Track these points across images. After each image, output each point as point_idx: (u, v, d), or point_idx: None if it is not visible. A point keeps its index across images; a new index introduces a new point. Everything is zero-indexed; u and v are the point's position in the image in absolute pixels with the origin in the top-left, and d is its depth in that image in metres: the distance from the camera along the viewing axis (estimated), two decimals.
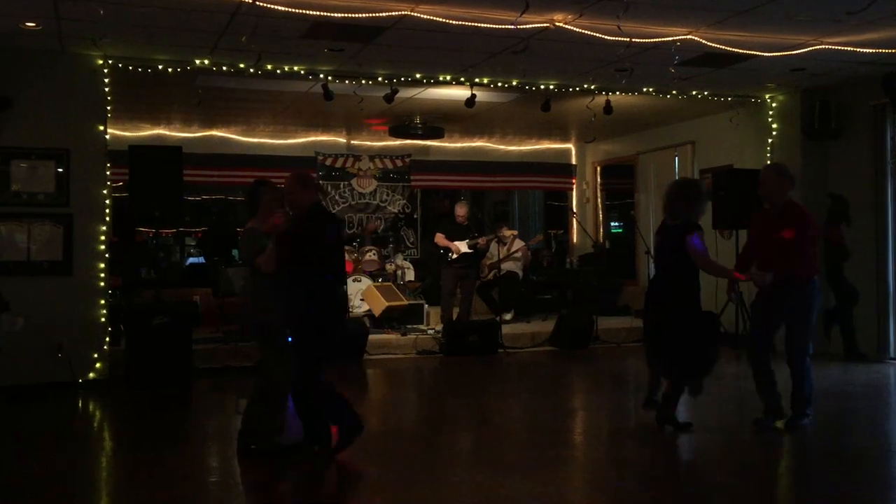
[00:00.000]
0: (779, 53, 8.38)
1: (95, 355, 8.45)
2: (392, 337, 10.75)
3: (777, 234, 6.23)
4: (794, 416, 6.26)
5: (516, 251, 12.37)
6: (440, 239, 11.35)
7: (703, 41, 7.93)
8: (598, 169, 14.91)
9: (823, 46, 8.17)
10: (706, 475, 5.56)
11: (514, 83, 9.72)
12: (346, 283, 6.00)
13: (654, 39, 7.84)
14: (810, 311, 6.24)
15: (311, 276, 5.42)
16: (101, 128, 8.53)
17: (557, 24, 7.37)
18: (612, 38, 7.62)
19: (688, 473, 5.64)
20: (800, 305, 6.20)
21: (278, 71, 8.95)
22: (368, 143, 13.88)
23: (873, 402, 7.76)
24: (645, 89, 10.15)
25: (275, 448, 5.52)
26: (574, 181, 15.23)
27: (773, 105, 10.78)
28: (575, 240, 15.14)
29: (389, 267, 12.54)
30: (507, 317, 12.02)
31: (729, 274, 6.67)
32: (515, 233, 12.88)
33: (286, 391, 5.58)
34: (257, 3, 6.77)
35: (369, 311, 11.36)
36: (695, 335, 6.23)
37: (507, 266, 12.19)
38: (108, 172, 8.65)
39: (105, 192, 8.57)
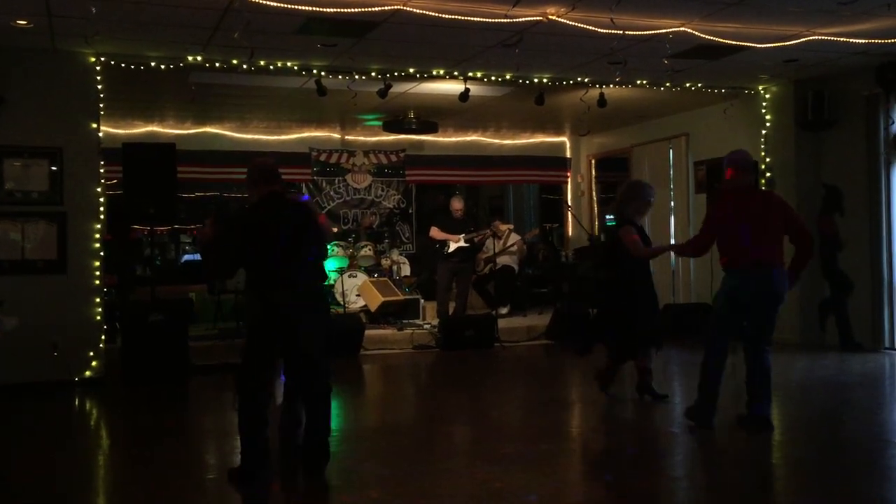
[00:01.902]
0: (772, 45, 8.39)
1: (91, 353, 8.44)
2: (388, 332, 10.75)
3: None
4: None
5: (512, 245, 12.38)
6: (436, 232, 11.36)
7: (696, 33, 7.93)
8: (593, 162, 14.91)
9: (816, 37, 8.18)
10: (702, 467, 5.57)
11: (508, 77, 9.71)
12: (286, 283, 5.08)
13: (647, 32, 7.84)
14: (716, 300, 6.24)
15: (249, 279, 5.17)
16: (94, 125, 8.52)
17: (550, 17, 7.37)
18: (605, 30, 7.62)
19: (684, 465, 5.64)
20: None
21: (271, 67, 8.93)
22: (363, 138, 13.86)
23: (869, 391, 7.77)
24: (638, 82, 10.14)
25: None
26: (569, 174, 15.23)
27: (767, 96, 10.79)
28: (570, 233, 15.15)
29: (385, 262, 12.55)
30: (504, 311, 12.04)
31: (665, 249, 7.34)
32: (511, 226, 12.88)
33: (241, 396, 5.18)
34: None
35: (365, 306, 11.37)
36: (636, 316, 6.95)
37: (502, 260, 12.20)
38: (101, 170, 8.64)
39: (99, 189, 8.55)
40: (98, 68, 8.48)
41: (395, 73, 9.36)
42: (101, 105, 8.64)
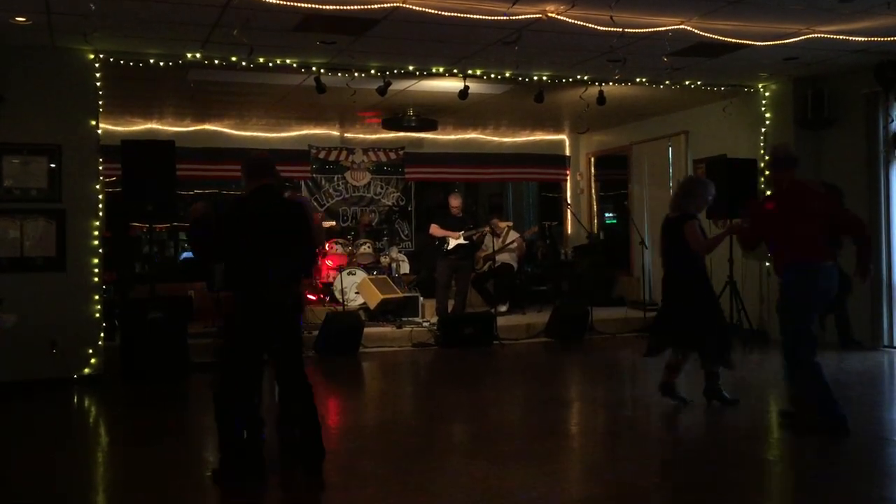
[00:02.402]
0: (771, 42, 8.37)
1: (90, 351, 8.43)
2: (387, 330, 10.74)
3: None
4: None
5: (511, 243, 12.37)
6: (435, 230, 11.36)
7: (696, 31, 7.92)
8: (592, 160, 14.91)
9: (816, 35, 8.17)
10: (702, 465, 5.56)
11: (507, 74, 9.71)
12: (264, 279, 5.01)
13: (647, 29, 7.83)
14: (783, 299, 6.02)
15: (232, 270, 5.09)
16: (93, 123, 8.51)
17: (550, 14, 7.36)
18: (604, 28, 7.61)
19: (683, 463, 5.64)
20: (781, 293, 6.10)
21: (270, 64, 8.92)
22: (362, 135, 13.85)
23: (868, 389, 7.77)
24: (638, 79, 10.13)
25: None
26: (568, 172, 15.23)
27: (766, 94, 10.78)
28: (569, 231, 15.15)
29: (384, 260, 12.54)
30: (503, 308, 12.03)
31: (725, 233, 6.85)
32: (510, 224, 12.88)
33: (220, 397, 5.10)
34: None
35: (364, 304, 11.37)
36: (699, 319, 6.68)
37: (501, 258, 12.20)
38: (100, 167, 8.63)
39: (98, 187, 8.55)
40: (97, 65, 8.47)
41: (395, 71, 9.35)
42: (101, 102, 8.63)
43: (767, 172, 10.47)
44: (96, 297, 8.50)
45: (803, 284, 5.84)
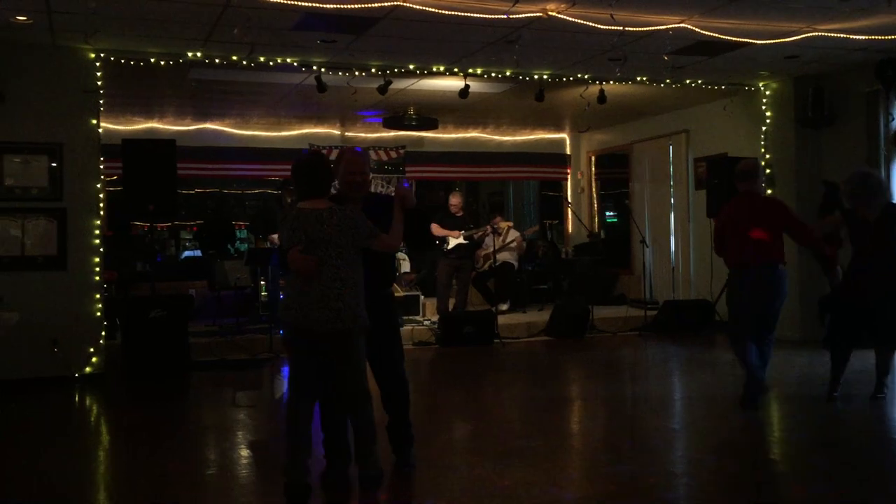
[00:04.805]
0: (772, 41, 8.38)
1: (91, 349, 8.44)
2: None
3: None
4: None
5: (511, 241, 12.38)
6: (436, 229, 11.36)
7: (697, 29, 7.93)
8: (593, 158, 14.91)
9: (816, 34, 8.17)
10: (700, 464, 5.57)
11: (508, 73, 9.71)
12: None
13: (647, 28, 7.84)
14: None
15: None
16: (94, 122, 8.52)
17: (550, 13, 7.36)
18: (605, 26, 7.62)
19: (682, 461, 5.64)
20: None
21: (271, 63, 8.93)
22: (363, 134, 13.85)
23: (868, 389, 7.75)
24: (639, 78, 10.13)
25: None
26: (569, 171, 15.22)
27: (767, 93, 10.78)
28: (570, 229, 15.15)
29: None
30: (503, 307, 12.04)
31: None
32: (510, 224, 12.88)
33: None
34: None
35: None
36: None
37: (502, 256, 12.20)
38: (101, 166, 8.64)
39: (98, 186, 8.56)
40: (98, 64, 8.48)
41: (395, 70, 9.35)
42: (101, 101, 8.64)
43: (769, 171, 10.53)
44: (97, 296, 8.51)
45: (731, 285, 6.71)
